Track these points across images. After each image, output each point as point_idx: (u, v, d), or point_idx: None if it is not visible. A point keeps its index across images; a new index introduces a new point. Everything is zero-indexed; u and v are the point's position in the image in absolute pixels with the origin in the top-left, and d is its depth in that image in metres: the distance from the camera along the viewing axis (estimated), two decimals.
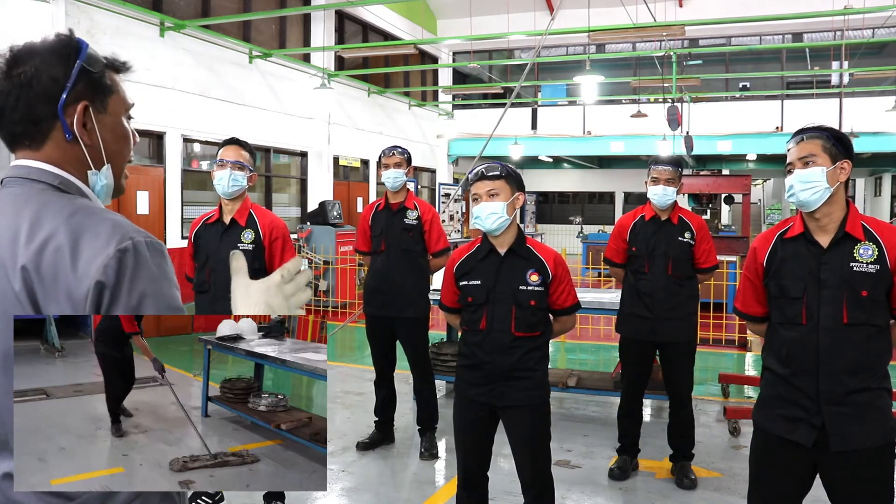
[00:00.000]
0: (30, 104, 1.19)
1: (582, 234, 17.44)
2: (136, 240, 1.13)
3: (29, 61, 1.19)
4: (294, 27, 13.48)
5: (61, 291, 1.10)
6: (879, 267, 2.22)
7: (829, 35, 16.00)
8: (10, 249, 1.13)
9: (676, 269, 3.99)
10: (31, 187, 1.20)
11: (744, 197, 10.60)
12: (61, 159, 1.22)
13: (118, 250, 1.10)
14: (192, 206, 10.35)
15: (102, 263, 1.09)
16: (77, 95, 1.21)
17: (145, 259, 1.13)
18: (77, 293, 1.09)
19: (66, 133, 1.21)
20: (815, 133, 2.33)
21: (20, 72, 1.19)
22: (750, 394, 5.98)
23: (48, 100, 1.20)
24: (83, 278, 1.09)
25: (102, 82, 1.25)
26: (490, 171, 2.86)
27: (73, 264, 1.10)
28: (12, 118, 1.20)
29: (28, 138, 1.21)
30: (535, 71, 18.45)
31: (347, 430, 4.96)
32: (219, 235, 3.56)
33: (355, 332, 8.90)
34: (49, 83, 1.19)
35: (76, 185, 1.23)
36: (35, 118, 1.20)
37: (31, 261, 1.11)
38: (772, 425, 2.36)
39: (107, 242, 1.11)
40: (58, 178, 1.21)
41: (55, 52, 1.21)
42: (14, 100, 1.19)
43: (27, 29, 7.79)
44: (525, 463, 2.92)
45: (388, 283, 4.42)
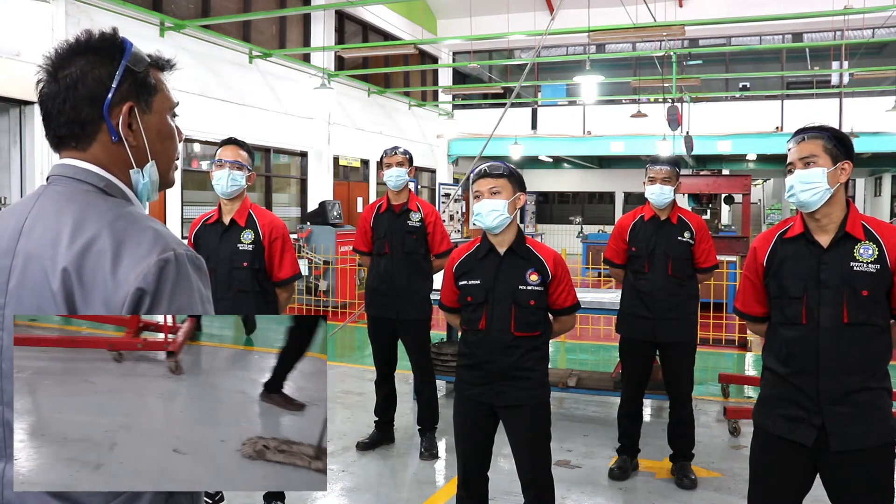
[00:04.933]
0: (76, 106, 1.18)
1: (582, 234, 17.44)
2: (178, 252, 1.13)
3: (74, 62, 1.19)
4: (294, 27, 13.48)
5: (98, 295, 1.10)
6: (880, 267, 2.22)
7: (829, 35, 16.00)
8: (51, 249, 1.12)
9: (676, 269, 3.99)
10: (76, 187, 1.19)
11: (744, 197, 10.59)
12: (107, 160, 1.22)
13: (159, 259, 1.10)
14: (191, 206, 10.36)
15: (143, 272, 1.09)
16: (122, 96, 1.20)
17: (186, 272, 1.13)
18: (114, 299, 1.09)
19: (112, 134, 1.21)
20: (817, 133, 2.32)
21: (66, 73, 1.18)
22: (750, 394, 5.98)
23: (94, 102, 1.19)
24: (122, 284, 1.09)
25: (147, 82, 1.24)
26: (493, 169, 2.87)
27: (114, 270, 1.09)
28: (59, 121, 1.19)
29: (74, 140, 1.21)
30: (535, 71, 18.45)
31: (347, 430, 4.96)
32: (219, 236, 3.56)
33: (355, 332, 8.90)
34: (94, 85, 1.18)
35: (120, 188, 1.23)
36: (81, 120, 1.19)
37: (73, 262, 1.10)
38: (772, 425, 2.36)
39: (149, 251, 1.11)
40: (103, 181, 1.21)
41: (99, 53, 1.20)
42: (60, 102, 1.18)
43: (27, 29, 7.79)
44: (525, 463, 2.92)
45: (390, 285, 4.41)
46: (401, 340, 4.58)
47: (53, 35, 8.00)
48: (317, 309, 10.32)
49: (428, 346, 4.63)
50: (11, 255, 1.16)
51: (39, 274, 1.12)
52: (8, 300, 1.15)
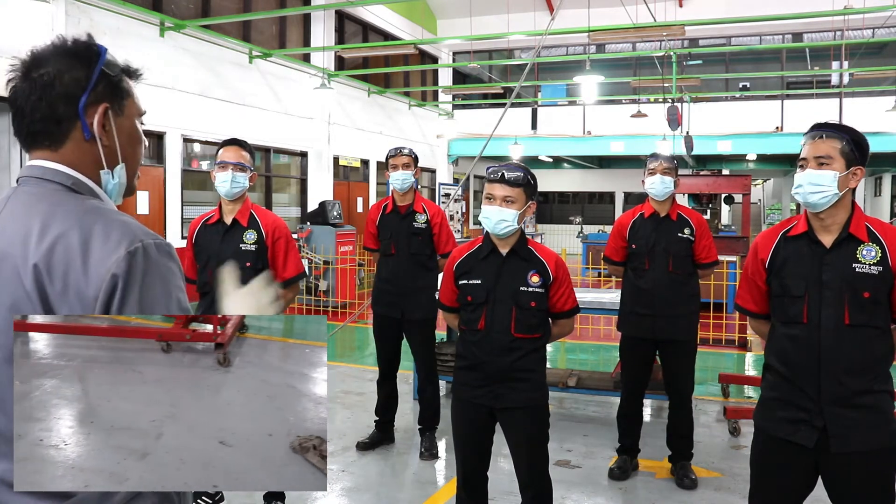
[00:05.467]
0: (52, 104, 1.22)
1: (582, 234, 17.42)
2: (145, 242, 1.16)
3: (51, 63, 1.23)
4: (294, 27, 13.48)
5: (71, 291, 1.12)
6: (882, 269, 2.21)
7: (829, 35, 16.01)
8: (21, 248, 1.15)
9: (677, 266, 3.99)
10: (45, 187, 1.23)
11: (744, 197, 10.59)
12: (78, 159, 1.25)
13: (128, 252, 1.13)
14: (191, 206, 10.36)
15: (112, 265, 1.12)
16: (97, 97, 1.25)
17: (154, 261, 1.16)
18: (87, 293, 1.12)
19: (86, 133, 1.24)
20: (836, 133, 2.25)
21: (42, 73, 1.22)
22: (750, 394, 5.98)
23: (69, 100, 1.23)
24: (93, 279, 1.12)
25: (120, 86, 1.30)
26: (511, 175, 2.77)
27: (84, 265, 1.12)
28: (33, 117, 1.23)
29: (48, 138, 1.24)
30: (535, 71, 18.45)
31: (347, 430, 4.96)
32: (220, 236, 3.54)
33: (355, 332, 8.90)
34: (71, 83, 1.23)
35: (88, 185, 1.26)
36: (57, 117, 1.23)
37: (42, 259, 1.13)
38: (773, 427, 2.35)
39: (117, 244, 1.14)
40: (70, 179, 1.24)
41: (77, 55, 1.25)
42: (36, 99, 1.22)
43: (27, 29, 7.79)
44: (523, 464, 2.91)
45: (397, 284, 4.43)
46: (406, 340, 4.59)
47: (53, 35, 7.97)
48: (317, 309, 10.32)
49: (433, 346, 4.64)
50: None
51: (12, 272, 1.15)
52: None
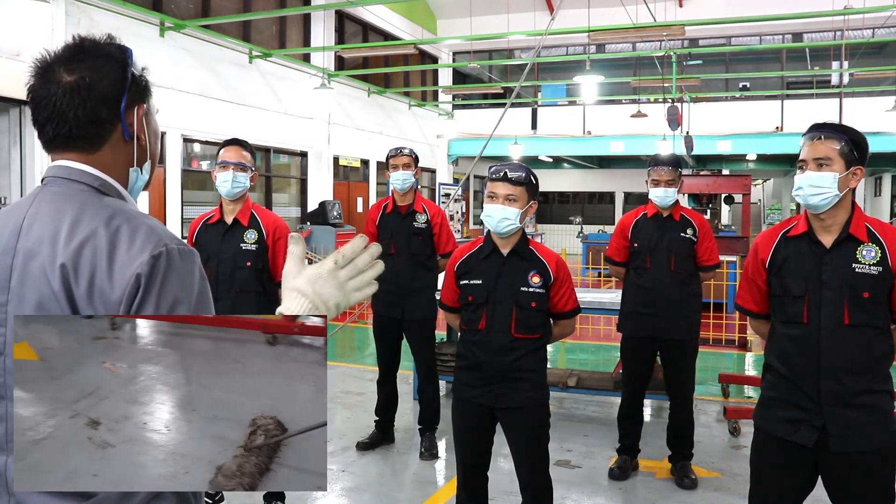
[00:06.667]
0: (94, 107, 1.22)
1: (582, 234, 17.44)
2: (170, 247, 1.16)
3: (83, 64, 1.23)
4: (294, 27, 13.49)
5: (96, 293, 1.13)
6: (882, 269, 2.21)
7: (829, 35, 16.00)
8: (50, 248, 1.15)
9: (678, 265, 3.99)
10: (72, 187, 1.23)
11: (744, 197, 10.61)
12: (112, 160, 1.26)
13: (152, 256, 1.14)
14: (191, 206, 10.35)
15: (136, 269, 1.13)
16: (132, 98, 1.27)
17: (177, 265, 1.16)
18: (111, 297, 1.13)
19: (125, 134, 1.26)
20: (834, 134, 2.24)
21: (82, 75, 1.22)
22: (750, 394, 5.98)
23: (110, 103, 1.24)
24: (118, 282, 1.13)
25: (147, 85, 1.32)
26: (514, 174, 2.78)
27: (109, 268, 1.13)
28: (75, 122, 1.22)
29: (86, 141, 1.24)
30: (535, 71, 18.45)
31: (347, 430, 4.96)
32: (221, 236, 3.55)
33: (355, 332, 8.90)
34: (111, 86, 1.24)
35: (115, 186, 1.27)
36: (99, 121, 1.24)
37: (70, 259, 1.14)
38: (773, 427, 2.36)
39: (142, 248, 1.14)
40: (98, 181, 1.24)
41: (111, 57, 1.25)
42: (79, 103, 1.21)
43: (27, 29, 7.79)
44: (523, 464, 2.92)
45: (397, 284, 4.42)
46: (406, 340, 4.59)
47: (53, 35, 8.00)
48: None
49: (433, 346, 4.65)
50: (12, 254, 1.18)
51: (39, 271, 1.15)
52: (10, 297, 1.17)
